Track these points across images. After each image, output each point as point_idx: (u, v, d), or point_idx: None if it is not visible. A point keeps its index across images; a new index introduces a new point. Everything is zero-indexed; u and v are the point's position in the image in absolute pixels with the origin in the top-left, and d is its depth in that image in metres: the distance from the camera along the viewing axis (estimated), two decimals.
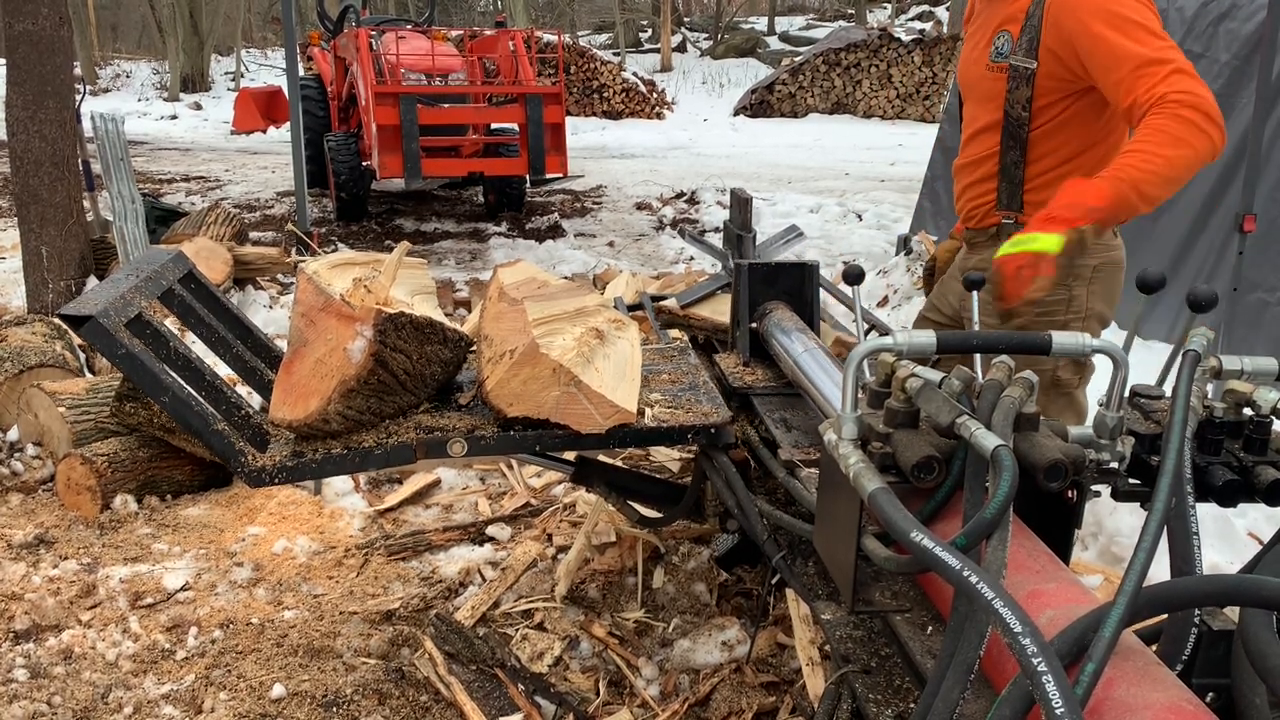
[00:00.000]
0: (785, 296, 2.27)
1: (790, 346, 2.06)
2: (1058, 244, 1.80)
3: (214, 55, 24.88)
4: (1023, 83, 2.15)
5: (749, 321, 2.25)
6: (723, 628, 2.54)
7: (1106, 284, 2.26)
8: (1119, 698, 0.88)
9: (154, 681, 2.47)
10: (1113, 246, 2.28)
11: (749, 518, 1.94)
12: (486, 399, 1.98)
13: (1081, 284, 2.23)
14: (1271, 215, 4.15)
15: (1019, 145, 2.21)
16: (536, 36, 11.34)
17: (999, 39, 2.21)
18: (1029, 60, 2.13)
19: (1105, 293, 2.27)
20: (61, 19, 5.01)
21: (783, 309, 2.22)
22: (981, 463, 1.09)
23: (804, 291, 2.28)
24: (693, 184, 10.56)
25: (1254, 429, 1.22)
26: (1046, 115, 2.17)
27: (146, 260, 2.11)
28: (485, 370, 2.00)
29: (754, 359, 2.25)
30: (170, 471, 3.53)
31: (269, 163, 12.70)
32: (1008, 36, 2.19)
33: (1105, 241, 2.24)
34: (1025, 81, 2.15)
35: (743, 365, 2.24)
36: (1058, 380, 2.28)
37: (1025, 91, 2.16)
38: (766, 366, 2.22)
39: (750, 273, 2.24)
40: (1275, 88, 4.10)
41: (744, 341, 2.27)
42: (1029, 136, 2.19)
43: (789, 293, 2.27)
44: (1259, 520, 3.06)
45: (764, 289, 2.26)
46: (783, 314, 2.19)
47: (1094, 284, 2.24)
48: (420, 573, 3.03)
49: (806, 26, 26.69)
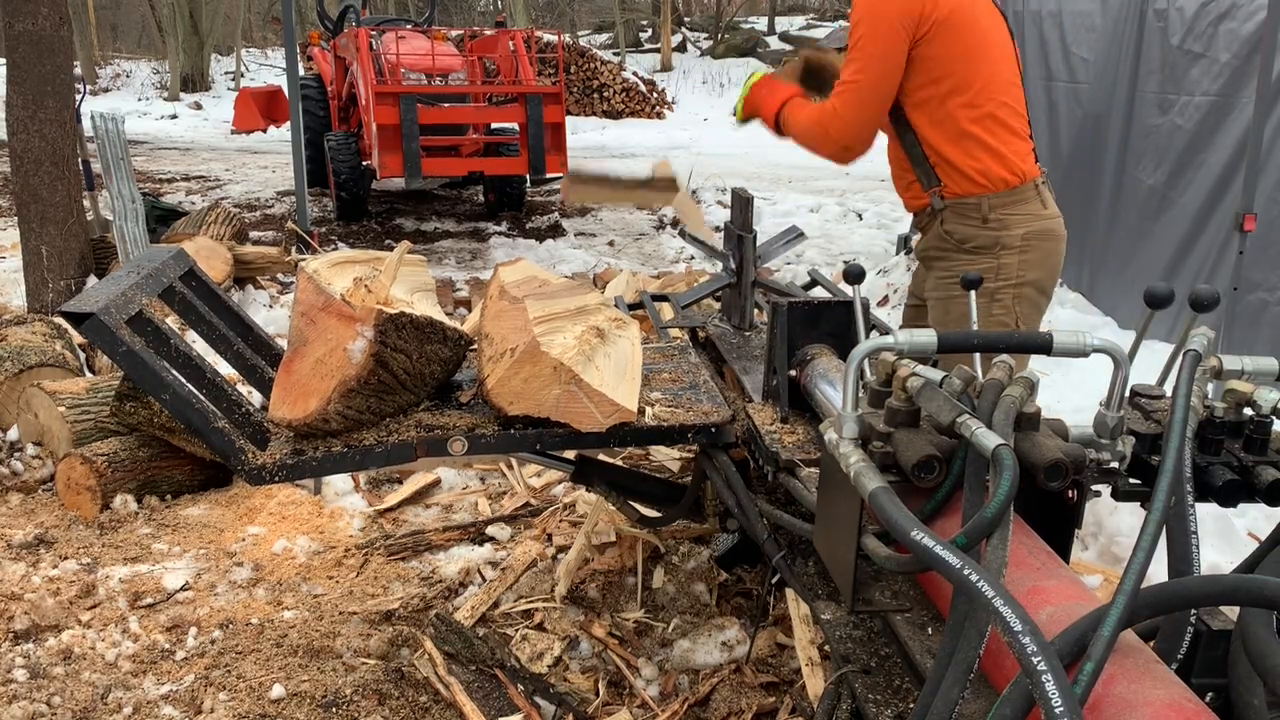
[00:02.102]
0: (829, 339, 1.96)
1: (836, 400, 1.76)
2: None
3: (214, 55, 24.87)
4: None
5: (788, 369, 1.94)
6: (723, 628, 2.54)
7: (1040, 253, 2.35)
8: (1119, 694, 0.88)
9: (154, 682, 2.47)
10: (1042, 216, 2.35)
11: (749, 517, 1.94)
12: (487, 397, 1.97)
13: (1011, 253, 2.32)
14: (1271, 215, 4.15)
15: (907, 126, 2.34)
16: (536, 36, 11.34)
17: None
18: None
19: (1040, 261, 2.36)
20: (61, 19, 5.01)
21: (827, 355, 1.91)
22: (982, 462, 1.09)
23: (850, 334, 1.96)
24: (693, 183, 10.55)
25: (1254, 429, 1.22)
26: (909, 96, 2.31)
27: (147, 258, 2.11)
28: (486, 369, 2.00)
29: (794, 412, 1.94)
30: (170, 471, 3.53)
31: (269, 162, 12.69)
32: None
33: (1032, 210, 2.33)
34: None
35: (780, 422, 1.92)
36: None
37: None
38: (808, 422, 1.91)
39: (790, 313, 1.93)
40: (1275, 88, 4.10)
41: (783, 393, 1.93)
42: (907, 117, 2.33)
43: (833, 335, 1.96)
44: (1259, 520, 3.06)
45: (805, 331, 1.95)
46: (828, 361, 1.88)
47: (1026, 253, 2.33)
48: (420, 573, 3.03)
49: (806, 26, 26.68)
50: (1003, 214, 2.31)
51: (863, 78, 2.25)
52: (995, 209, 2.31)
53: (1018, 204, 2.32)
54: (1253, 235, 4.06)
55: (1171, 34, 4.82)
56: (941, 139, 2.30)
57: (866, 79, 2.24)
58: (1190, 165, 4.67)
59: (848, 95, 2.27)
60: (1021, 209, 2.32)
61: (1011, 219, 2.32)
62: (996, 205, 2.31)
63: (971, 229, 2.34)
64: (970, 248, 2.36)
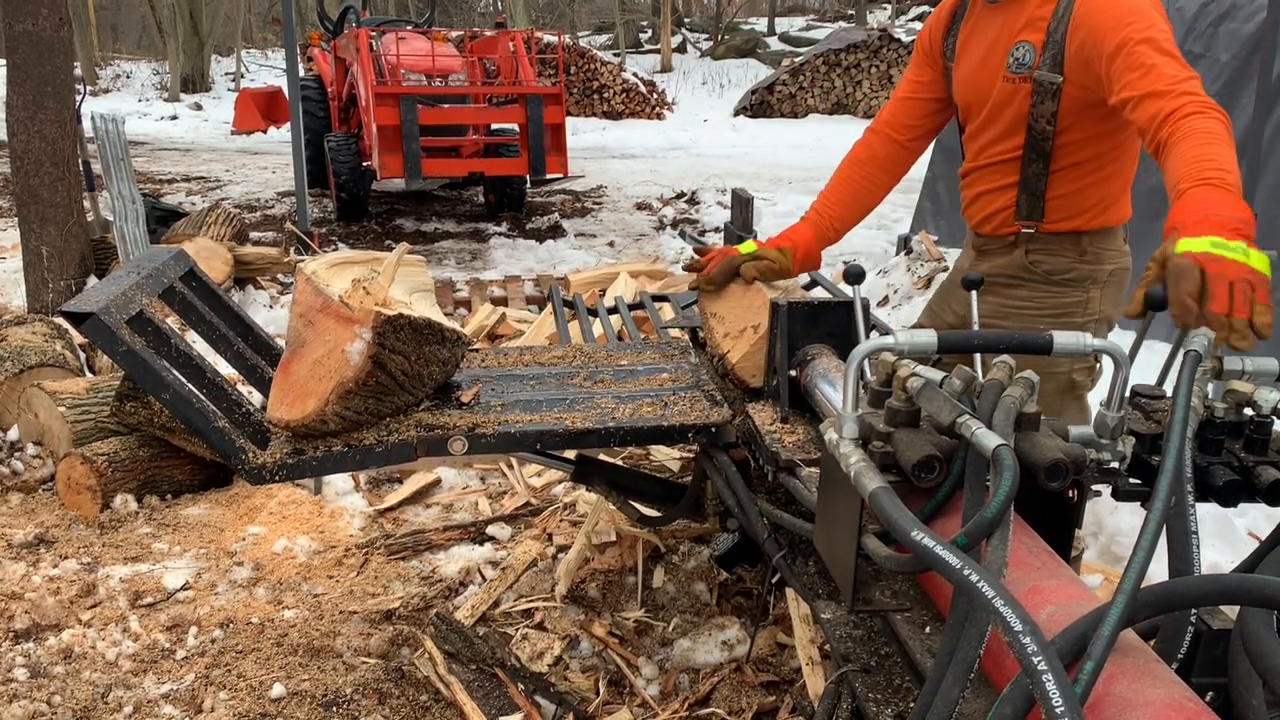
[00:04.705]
0: (829, 339, 1.96)
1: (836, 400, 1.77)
2: (1267, 265, 1.46)
3: (214, 56, 24.89)
4: (1048, 97, 2.09)
5: (788, 368, 1.94)
6: (723, 627, 2.54)
7: (1117, 289, 2.27)
8: (1119, 693, 0.88)
9: (154, 681, 2.47)
10: (1124, 253, 2.27)
11: (749, 517, 1.94)
12: (731, 372, 2.12)
13: (1098, 288, 2.23)
14: (1271, 215, 4.15)
15: (1042, 158, 2.15)
16: (536, 37, 11.34)
17: (1018, 49, 2.13)
18: (1054, 75, 2.06)
19: (1116, 298, 2.27)
20: (61, 19, 5.02)
21: (827, 355, 1.91)
22: (982, 462, 1.09)
23: (850, 333, 1.97)
24: (693, 184, 10.56)
25: (1254, 429, 1.22)
26: (1072, 131, 2.12)
27: (147, 258, 2.11)
28: (724, 345, 2.17)
29: (794, 412, 1.94)
30: (170, 471, 3.53)
31: (269, 163, 12.70)
32: (1029, 47, 2.11)
33: (1118, 248, 2.24)
34: (1051, 96, 2.08)
35: (780, 422, 1.92)
36: (1074, 384, 2.27)
37: (1050, 106, 2.09)
38: (808, 422, 1.92)
39: (790, 313, 1.94)
40: (1275, 88, 4.10)
41: (783, 393, 1.94)
42: (1052, 150, 2.14)
43: (833, 335, 1.97)
44: (1259, 520, 3.06)
45: (805, 331, 1.95)
46: (828, 361, 1.89)
47: (1108, 288, 2.25)
48: (420, 572, 3.03)
49: (807, 27, 26.70)
50: (1099, 248, 2.21)
51: (1195, 74, 1.90)
52: (1094, 242, 2.20)
53: (1112, 239, 2.22)
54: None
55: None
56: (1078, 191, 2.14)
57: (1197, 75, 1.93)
58: None
59: (1198, 86, 1.83)
60: (1113, 244, 2.22)
61: (1105, 254, 2.21)
62: (1097, 239, 2.20)
63: (1065, 261, 2.21)
64: (1060, 280, 2.23)
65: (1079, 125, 2.11)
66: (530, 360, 2.46)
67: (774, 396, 1.99)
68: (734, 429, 2.05)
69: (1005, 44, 2.16)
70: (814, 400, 1.85)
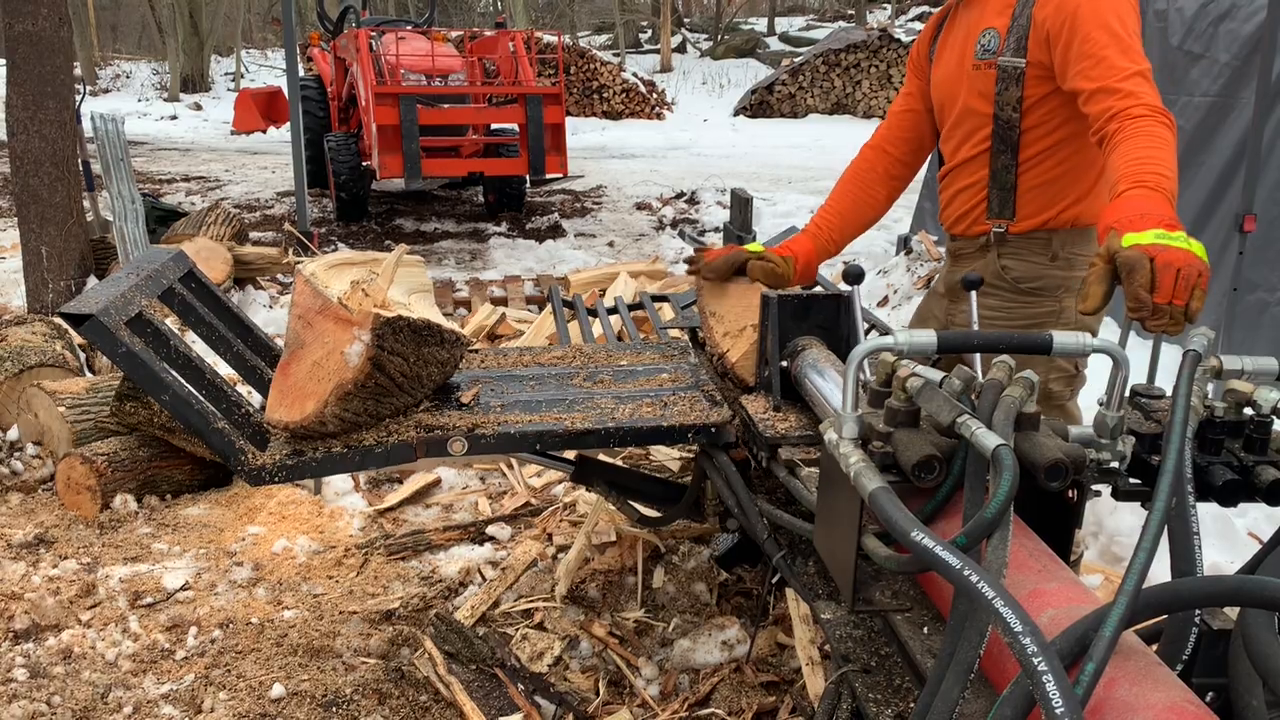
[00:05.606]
0: (819, 331, 2.01)
1: (825, 389, 1.82)
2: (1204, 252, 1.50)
3: (214, 56, 24.88)
4: (1012, 82, 2.08)
5: (779, 360, 1.99)
6: (723, 627, 2.54)
7: None
8: (1120, 697, 0.88)
9: (154, 681, 2.47)
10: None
11: (749, 517, 1.93)
12: (731, 371, 2.14)
13: (1071, 297, 2.17)
14: (1271, 215, 4.15)
15: (1010, 149, 2.14)
16: (536, 37, 11.33)
17: (984, 36, 2.13)
18: (1017, 59, 2.06)
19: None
20: (61, 19, 5.02)
21: (817, 346, 1.96)
22: (982, 462, 1.09)
23: (839, 326, 2.02)
24: (693, 184, 10.55)
25: (1254, 429, 1.22)
26: (1037, 116, 2.10)
27: (147, 259, 2.11)
28: (723, 344, 2.18)
29: (786, 402, 1.98)
30: (170, 471, 3.53)
31: (269, 163, 12.69)
32: (994, 34, 2.11)
33: (1091, 253, 2.19)
34: (1014, 81, 2.08)
35: (773, 410, 1.95)
36: (1049, 393, 2.23)
37: (1015, 91, 2.09)
38: (800, 411, 1.95)
39: (780, 306, 1.98)
40: (1275, 88, 4.10)
41: (775, 383, 1.98)
42: (1019, 139, 2.12)
43: (823, 327, 2.01)
44: (1259, 520, 3.06)
45: (795, 324, 2.00)
46: (817, 352, 1.93)
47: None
48: (420, 572, 3.03)
49: (806, 27, 26.69)
50: (1071, 253, 2.14)
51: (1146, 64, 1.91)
52: (1066, 245, 2.13)
53: (1084, 243, 2.15)
54: (1252, 236, 4.06)
55: (1171, 34, 4.82)
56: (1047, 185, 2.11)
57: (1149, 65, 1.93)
58: (1190, 166, 4.67)
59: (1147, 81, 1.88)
60: (1086, 249, 2.14)
61: (1077, 259, 2.14)
62: (1068, 242, 2.13)
63: (1035, 267, 2.16)
64: (1029, 288, 2.18)
65: (1044, 110, 2.10)
66: (530, 361, 2.46)
67: (766, 388, 2.03)
68: (734, 429, 2.05)
69: (975, 35, 2.17)
70: (804, 390, 1.90)
